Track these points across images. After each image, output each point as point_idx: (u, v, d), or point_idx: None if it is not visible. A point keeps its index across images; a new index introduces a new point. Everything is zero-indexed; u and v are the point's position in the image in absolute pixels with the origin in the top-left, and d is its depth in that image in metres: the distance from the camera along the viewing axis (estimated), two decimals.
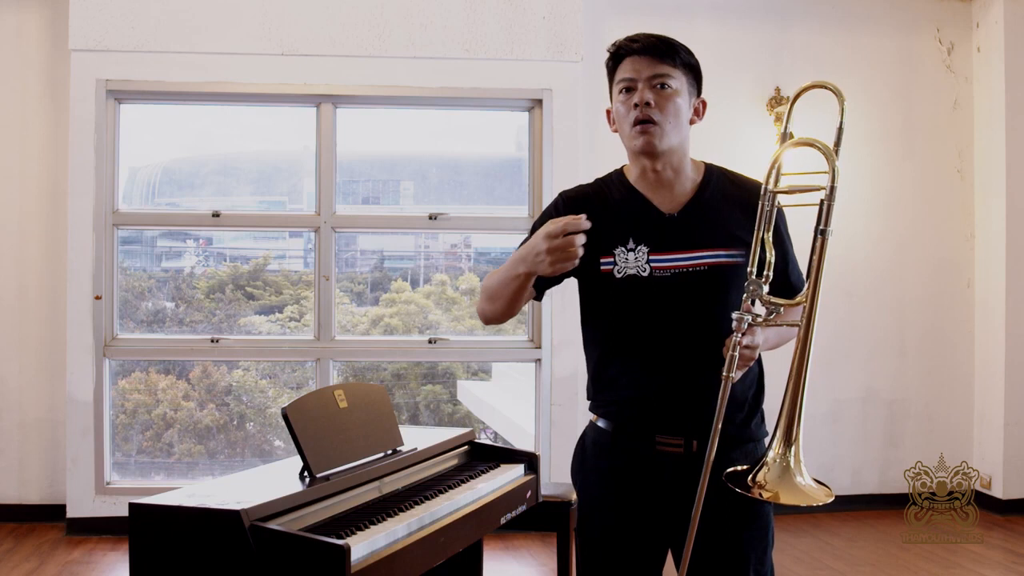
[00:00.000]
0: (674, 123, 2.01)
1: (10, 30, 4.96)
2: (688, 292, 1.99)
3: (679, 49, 2.04)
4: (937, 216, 5.51)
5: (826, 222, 1.82)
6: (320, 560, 1.85)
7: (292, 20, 4.90)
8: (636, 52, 2.02)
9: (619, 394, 2.07)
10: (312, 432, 2.29)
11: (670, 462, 2.01)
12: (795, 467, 1.80)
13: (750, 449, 2.04)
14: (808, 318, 1.82)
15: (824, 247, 1.83)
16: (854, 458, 5.41)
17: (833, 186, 1.82)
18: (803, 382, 1.82)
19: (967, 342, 5.52)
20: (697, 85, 2.09)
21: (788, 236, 2.10)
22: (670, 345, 2.00)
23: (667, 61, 2.01)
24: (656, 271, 2.00)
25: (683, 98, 2.03)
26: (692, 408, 1.97)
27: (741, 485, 1.81)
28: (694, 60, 2.08)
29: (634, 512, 2.05)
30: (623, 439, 2.06)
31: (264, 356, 5.24)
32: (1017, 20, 5.26)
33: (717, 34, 5.28)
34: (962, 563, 4.39)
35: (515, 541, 4.78)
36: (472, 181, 5.61)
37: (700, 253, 2.00)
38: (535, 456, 2.89)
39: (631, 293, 2.01)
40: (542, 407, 5.09)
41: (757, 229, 1.89)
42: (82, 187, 4.82)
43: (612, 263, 2.02)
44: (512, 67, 5.01)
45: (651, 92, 2.00)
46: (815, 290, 1.83)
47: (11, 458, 4.98)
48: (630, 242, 2.02)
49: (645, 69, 2.00)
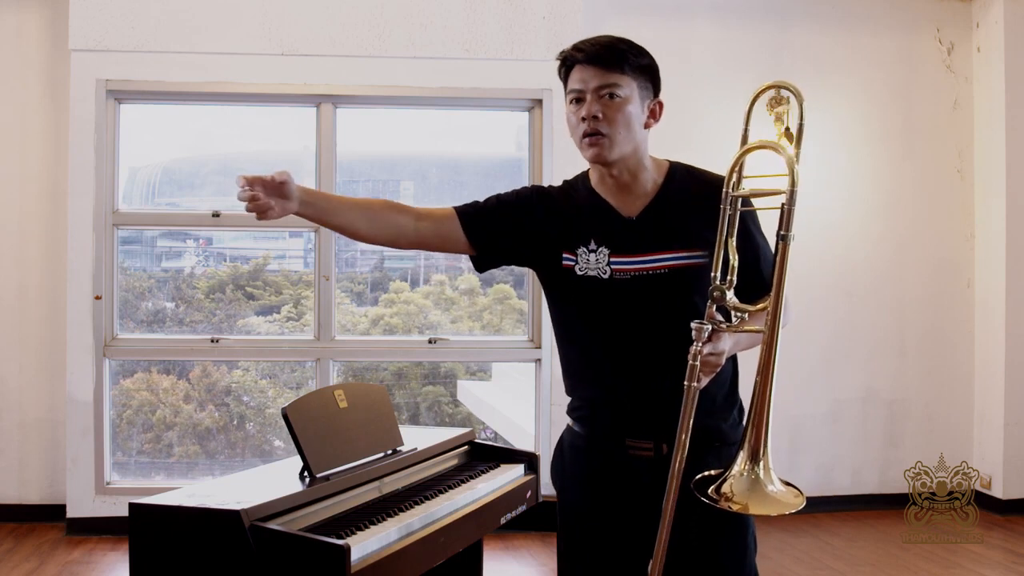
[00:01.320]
0: (624, 132, 1.98)
1: (10, 30, 4.96)
2: (649, 295, 1.98)
3: (628, 54, 1.97)
4: (937, 216, 5.50)
5: (786, 227, 1.76)
6: (320, 560, 1.85)
7: (292, 20, 4.90)
8: (582, 61, 1.98)
9: (589, 396, 2.07)
10: (312, 432, 2.29)
11: (643, 465, 2.00)
12: (764, 477, 1.74)
13: (725, 454, 1.98)
14: (772, 324, 1.77)
15: (786, 252, 1.76)
16: (854, 458, 5.41)
17: (793, 190, 1.77)
18: (769, 392, 1.75)
19: (967, 342, 5.52)
20: (652, 86, 2.03)
21: (759, 232, 2.05)
22: (635, 348, 1.99)
23: (614, 69, 1.96)
24: (616, 274, 1.99)
25: (634, 105, 1.98)
26: (660, 411, 1.94)
27: (709, 496, 1.76)
28: (646, 61, 2.01)
29: (612, 516, 2.04)
30: (596, 442, 2.06)
31: (264, 356, 5.24)
32: (1017, 20, 5.26)
33: (717, 34, 5.28)
34: (962, 563, 4.39)
35: (515, 541, 4.78)
36: (472, 181, 5.61)
37: (660, 256, 1.99)
38: (535, 456, 2.89)
39: (592, 294, 2.01)
40: (542, 407, 5.09)
41: (720, 234, 1.85)
42: (82, 187, 4.82)
43: (573, 260, 2.02)
44: (512, 67, 5.01)
45: (598, 104, 1.96)
46: (778, 296, 1.77)
47: (11, 458, 4.98)
48: (592, 243, 2.02)
49: (592, 79, 1.97)
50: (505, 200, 2.13)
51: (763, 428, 1.75)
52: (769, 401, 1.76)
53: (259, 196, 1.85)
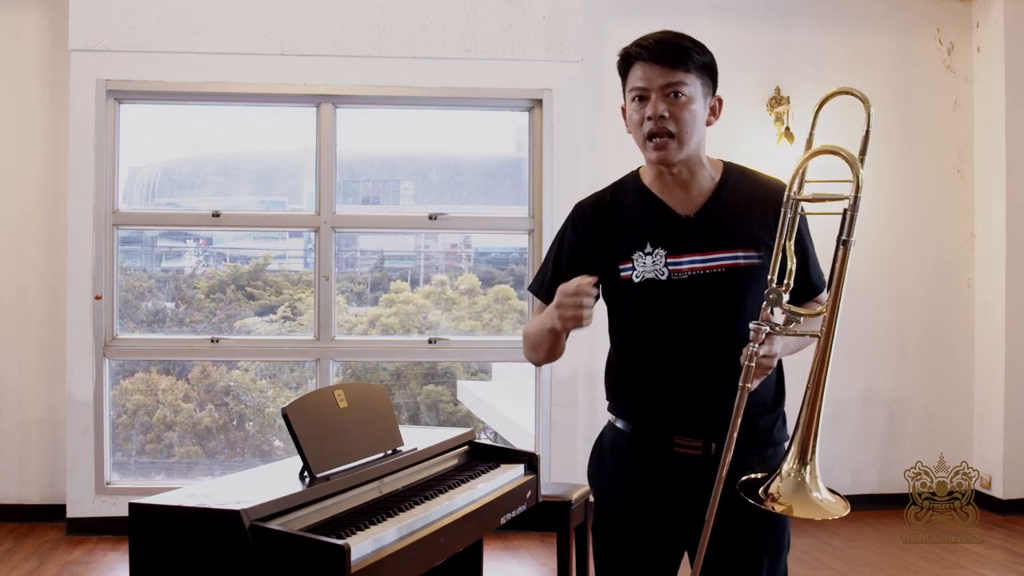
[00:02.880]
0: (690, 132, 1.96)
1: (10, 30, 4.96)
2: (706, 294, 1.97)
3: (692, 52, 1.96)
4: (937, 216, 5.50)
5: (849, 232, 1.78)
6: (320, 560, 1.85)
7: (292, 20, 4.90)
8: (647, 59, 1.96)
9: (638, 395, 2.05)
10: (312, 432, 2.29)
11: (688, 464, 1.99)
12: (811, 482, 1.76)
13: (768, 455, 2.01)
14: (828, 330, 1.79)
15: (846, 257, 1.79)
16: (854, 458, 5.41)
17: (857, 196, 1.77)
18: (820, 396, 1.77)
19: (967, 342, 5.52)
20: (712, 83, 2.02)
21: (808, 236, 2.06)
22: (689, 346, 1.98)
23: (680, 68, 1.94)
24: (674, 274, 1.98)
25: (698, 103, 1.97)
26: (711, 410, 1.94)
27: (754, 496, 1.78)
28: (708, 58, 2.00)
29: (651, 514, 2.03)
30: (641, 440, 2.04)
31: (264, 356, 5.24)
32: (1017, 20, 5.26)
33: (717, 34, 5.22)
34: (962, 563, 4.39)
35: (515, 541, 4.78)
36: (472, 181, 5.61)
37: (717, 255, 1.98)
38: (535, 456, 2.89)
39: (650, 296, 2.00)
40: (542, 407, 5.09)
41: (779, 236, 1.85)
42: (82, 187, 4.82)
43: (631, 268, 2.01)
44: (512, 67, 5.01)
45: (664, 103, 1.94)
46: (836, 301, 1.79)
47: (11, 458, 4.98)
48: (647, 246, 2.00)
49: (657, 78, 1.94)
50: (557, 255, 2.13)
51: (813, 429, 1.77)
52: (820, 403, 1.78)
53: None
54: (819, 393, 1.78)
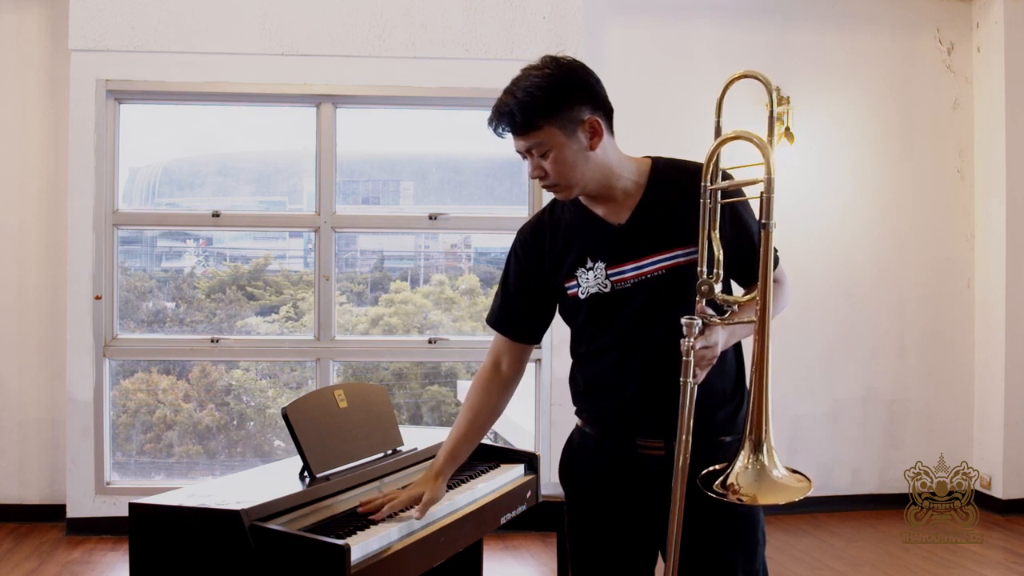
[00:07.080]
0: (571, 173, 1.97)
1: (10, 30, 4.96)
2: (652, 299, 1.98)
3: (531, 111, 1.93)
4: (937, 216, 5.50)
5: (767, 215, 1.78)
6: (320, 560, 1.85)
7: (292, 20, 4.90)
8: (499, 134, 2.01)
9: (599, 401, 2.08)
10: (312, 432, 2.29)
11: (652, 464, 2.00)
12: (769, 465, 1.75)
13: (732, 443, 2.00)
14: (762, 314, 1.78)
15: (769, 240, 1.78)
16: (854, 458, 5.41)
17: (770, 178, 1.79)
18: (764, 381, 1.76)
19: (967, 342, 5.52)
20: (575, 110, 1.94)
21: (752, 217, 2.03)
22: (643, 353, 2.00)
23: (527, 131, 1.95)
24: (617, 284, 2.00)
25: (567, 147, 1.94)
26: (670, 410, 1.93)
27: (715, 490, 1.77)
28: (546, 103, 1.93)
29: (622, 514, 2.05)
30: (606, 442, 2.07)
31: (264, 356, 5.24)
32: (1017, 20, 5.26)
33: (717, 34, 5.28)
34: (962, 563, 4.39)
35: (515, 541, 4.78)
36: (472, 181, 5.61)
37: (654, 258, 1.99)
38: (535, 456, 2.89)
39: (599, 310, 2.03)
40: (542, 407, 5.09)
41: (702, 228, 1.86)
42: (82, 187, 4.82)
43: (576, 285, 2.05)
44: (512, 67, 4.89)
45: (534, 163, 1.99)
46: (765, 285, 1.78)
47: (11, 458, 4.98)
48: (588, 261, 2.03)
49: (518, 143, 1.99)
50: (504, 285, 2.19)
51: (763, 418, 1.76)
52: (765, 390, 1.77)
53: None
54: (763, 380, 1.77)
